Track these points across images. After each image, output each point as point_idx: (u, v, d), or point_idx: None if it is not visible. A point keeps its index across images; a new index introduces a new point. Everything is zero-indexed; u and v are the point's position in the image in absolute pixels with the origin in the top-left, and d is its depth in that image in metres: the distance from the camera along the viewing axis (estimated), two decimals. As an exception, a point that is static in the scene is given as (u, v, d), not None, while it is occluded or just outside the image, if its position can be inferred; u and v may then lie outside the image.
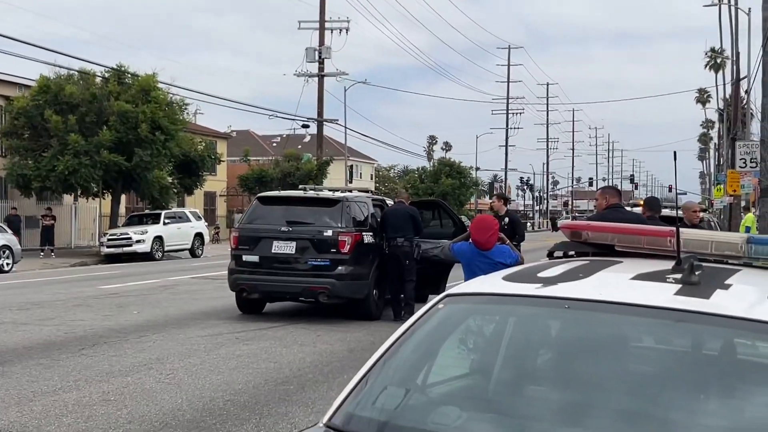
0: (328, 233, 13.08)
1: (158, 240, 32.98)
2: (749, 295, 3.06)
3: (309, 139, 69.10)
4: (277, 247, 13.25)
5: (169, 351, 10.47)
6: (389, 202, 15.43)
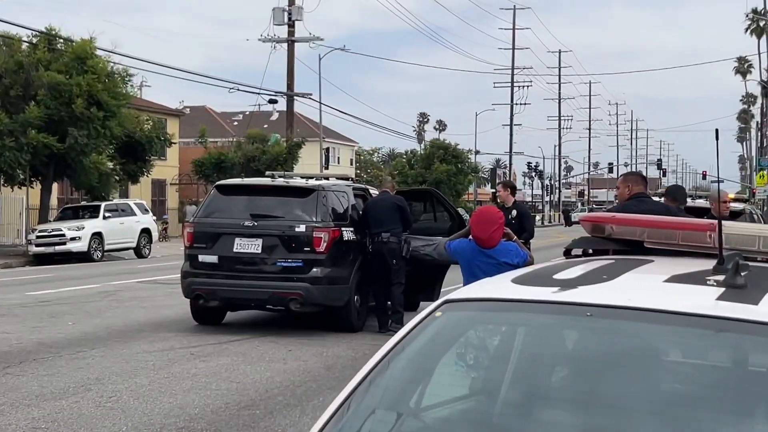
0: (301, 229, 13.07)
1: (97, 237, 32.86)
2: None
3: (277, 117, 69.14)
4: (240, 246, 13.22)
5: (111, 369, 10.42)
6: (373, 192, 15.44)
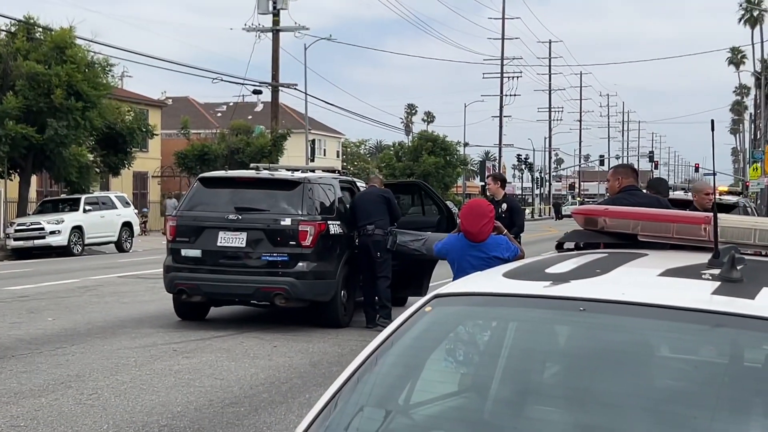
0: (286, 222, 13.04)
1: (77, 231, 32.77)
2: None
3: (261, 108, 68.99)
4: (224, 240, 13.19)
5: (92, 366, 10.39)
6: (360, 185, 15.41)
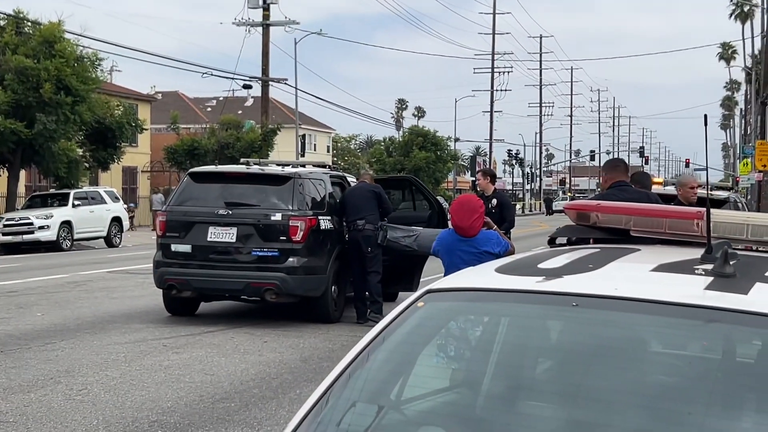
0: (277, 217, 13.03)
1: (66, 226, 32.68)
2: None
3: (251, 103, 68.89)
4: (214, 235, 13.17)
5: (82, 361, 10.38)
6: (351, 180, 15.40)
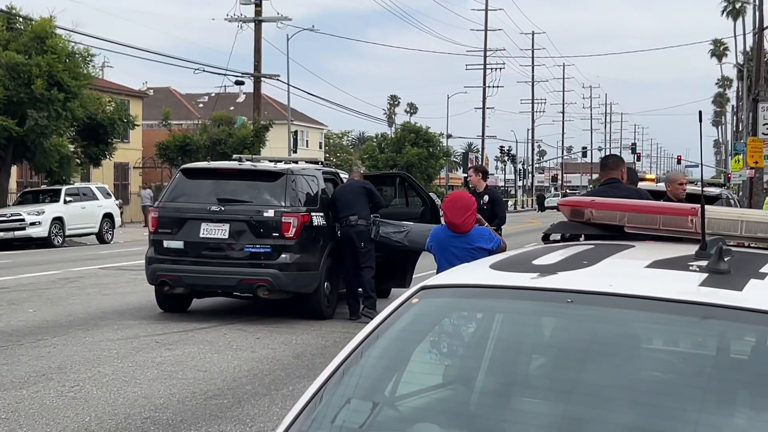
0: (269, 213, 13.02)
1: (58, 222, 32.60)
2: None
3: (243, 99, 68.83)
4: (207, 231, 13.15)
5: (74, 358, 10.37)
6: (343, 176, 15.38)
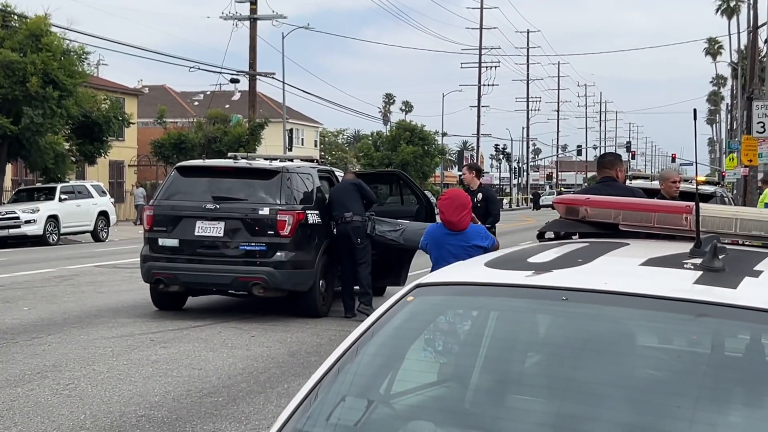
0: (264, 211, 13.01)
1: (53, 220, 32.57)
2: None
3: (239, 97, 68.73)
4: (202, 229, 13.14)
5: (69, 356, 10.36)
6: (339, 174, 15.38)
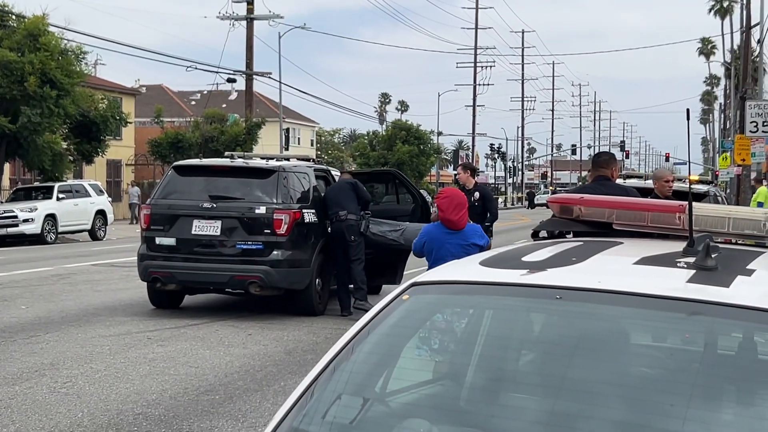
0: (261, 210, 13.01)
1: (51, 219, 32.54)
2: None
3: (236, 97, 68.70)
4: (199, 228, 13.14)
5: (66, 354, 10.35)
6: (335, 173, 15.38)
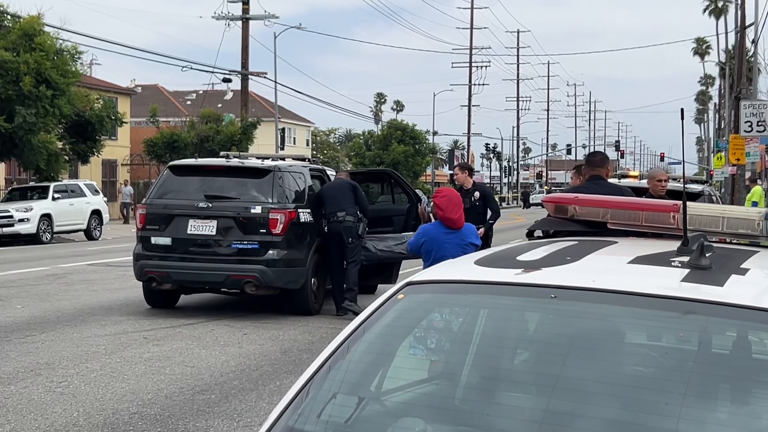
0: (257, 210, 13.01)
1: (46, 219, 32.50)
2: None
3: (231, 96, 68.58)
4: (194, 227, 13.14)
5: (62, 354, 10.35)
6: (330, 173, 15.37)
